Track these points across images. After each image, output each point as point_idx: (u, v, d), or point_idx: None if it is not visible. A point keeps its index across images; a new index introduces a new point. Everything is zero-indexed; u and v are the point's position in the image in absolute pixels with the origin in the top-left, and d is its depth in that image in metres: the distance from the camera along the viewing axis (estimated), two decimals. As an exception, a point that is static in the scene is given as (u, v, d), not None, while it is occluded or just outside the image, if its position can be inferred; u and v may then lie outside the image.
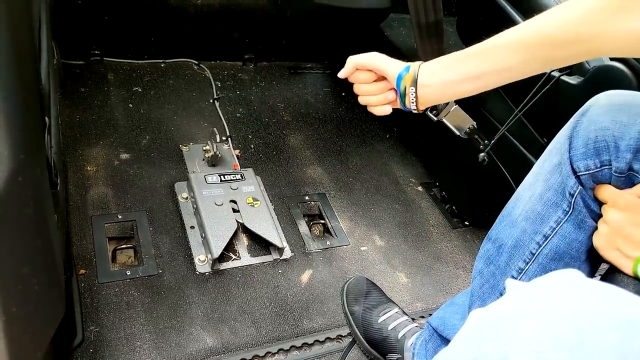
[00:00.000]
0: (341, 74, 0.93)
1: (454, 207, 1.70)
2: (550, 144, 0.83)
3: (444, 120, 1.32)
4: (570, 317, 0.39)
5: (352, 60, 0.90)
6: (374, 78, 0.90)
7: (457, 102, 1.27)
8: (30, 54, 0.48)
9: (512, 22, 1.38)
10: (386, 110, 0.90)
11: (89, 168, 1.39)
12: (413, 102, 0.85)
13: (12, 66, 0.41)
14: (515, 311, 0.41)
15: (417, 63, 0.84)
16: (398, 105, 0.89)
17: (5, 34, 0.40)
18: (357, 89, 0.93)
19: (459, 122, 1.30)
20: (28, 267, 0.57)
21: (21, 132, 0.45)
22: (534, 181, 0.84)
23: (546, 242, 0.80)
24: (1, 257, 0.52)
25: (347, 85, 2.06)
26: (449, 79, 0.80)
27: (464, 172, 1.65)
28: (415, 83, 0.83)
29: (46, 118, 0.63)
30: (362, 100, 0.93)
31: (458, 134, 1.31)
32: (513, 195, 0.90)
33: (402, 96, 0.85)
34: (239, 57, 1.94)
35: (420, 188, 1.75)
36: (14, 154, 0.45)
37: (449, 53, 0.86)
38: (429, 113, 1.35)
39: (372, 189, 1.68)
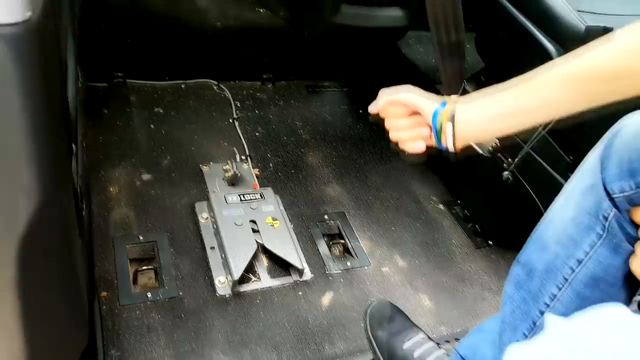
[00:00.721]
0: (372, 109, 0.89)
1: (477, 226, 1.67)
2: (582, 164, 0.80)
3: (467, 139, 1.30)
4: (616, 358, 0.36)
5: (385, 96, 0.86)
6: (407, 113, 0.85)
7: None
8: (58, 83, 0.47)
9: (532, 39, 1.37)
10: (419, 146, 0.85)
11: (111, 189, 1.40)
12: (449, 139, 0.79)
13: (42, 99, 0.40)
14: (558, 352, 0.39)
15: (454, 97, 0.81)
16: (433, 143, 0.84)
17: (36, 65, 0.39)
18: (388, 123, 0.88)
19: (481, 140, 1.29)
20: (53, 295, 0.57)
21: (50, 164, 0.45)
22: (565, 203, 0.81)
23: (580, 267, 0.78)
24: (27, 286, 0.51)
25: (364, 102, 2.04)
26: (488, 114, 0.76)
27: (486, 190, 1.63)
28: (452, 119, 0.78)
29: (73, 145, 0.62)
30: (393, 136, 0.88)
31: (481, 152, 1.29)
32: (543, 217, 0.87)
33: (438, 133, 0.81)
34: (258, 76, 1.95)
35: (441, 206, 1.73)
36: (42, 186, 0.44)
37: (469, 71, 0.84)
38: None
39: (393, 208, 1.66)
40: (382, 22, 1.75)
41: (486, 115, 0.77)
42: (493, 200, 1.61)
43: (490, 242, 1.65)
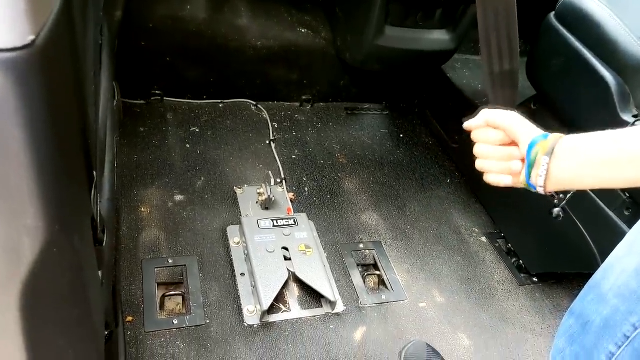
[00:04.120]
0: (468, 125, 0.81)
1: (521, 262, 1.57)
2: None
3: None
4: None
5: (486, 116, 0.78)
6: (505, 141, 0.77)
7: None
8: (72, 111, 0.44)
9: (588, 67, 1.28)
10: (504, 180, 0.77)
11: (143, 209, 1.38)
12: (541, 176, 0.70)
13: (50, 132, 0.37)
14: None
15: (559, 134, 0.72)
16: (520, 181, 0.75)
17: (41, 94, 0.36)
18: (479, 149, 0.80)
19: None
20: (64, 340, 0.53)
21: (58, 202, 0.41)
22: (628, 253, 0.73)
23: None
24: (36, 331, 0.47)
25: (405, 127, 2.01)
26: (595, 157, 0.66)
27: (532, 224, 1.53)
28: (550, 153, 0.69)
29: (94, 172, 0.59)
30: (480, 163, 0.80)
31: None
32: (601, 266, 0.79)
33: (530, 166, 0.72)
34: (297, 98, 1.92)
35: (484, 239, 1.64)
36: (48, 226, 0.41)
37: (521, 101, 0.76)
38: None
39: (432, 239, 1.58)
40: (428, 46, 1.69)
41: (591, 158, 0.66)
42: (540, 234, 1.51)
43: (535, 280, 1.55)
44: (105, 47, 1.04)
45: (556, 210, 1.26)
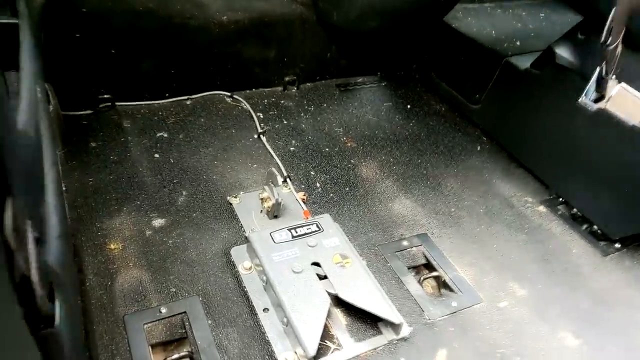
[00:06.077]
0: None
1: (595, 227, 1.28)
2: None
3: (608, 107, 0.92)
4: None
5: None
6: None
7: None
8: None
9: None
10: None
11: (112, 246, 1.00)
12: None
13: None
14: None
15: None
16: None
17: None
18: None
19: (629, 107, 0.91)
20: None
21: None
22: None
23: None
24: None
25: (409, 96, 1.68)
26: None
27: (603, 179, 1.23)
28: None
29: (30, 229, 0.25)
30: None
31: (632, 124, 0.91)
32: None
33: None
34: (279, 81, 1.58)
35: (542, 208, 1.33)
36: None
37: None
38: (584, 100, 0.96)
39: (484, 218, 1.26)
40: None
41: None
42: (616, 191, 1.21)
43: (617, 246, 1.25)
44: (25, 39, 0.76)
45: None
